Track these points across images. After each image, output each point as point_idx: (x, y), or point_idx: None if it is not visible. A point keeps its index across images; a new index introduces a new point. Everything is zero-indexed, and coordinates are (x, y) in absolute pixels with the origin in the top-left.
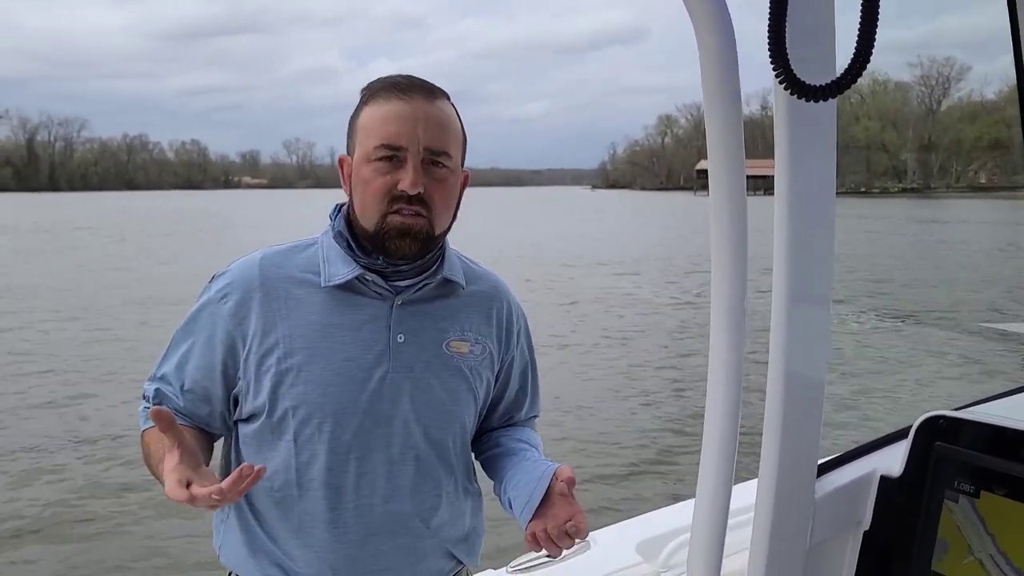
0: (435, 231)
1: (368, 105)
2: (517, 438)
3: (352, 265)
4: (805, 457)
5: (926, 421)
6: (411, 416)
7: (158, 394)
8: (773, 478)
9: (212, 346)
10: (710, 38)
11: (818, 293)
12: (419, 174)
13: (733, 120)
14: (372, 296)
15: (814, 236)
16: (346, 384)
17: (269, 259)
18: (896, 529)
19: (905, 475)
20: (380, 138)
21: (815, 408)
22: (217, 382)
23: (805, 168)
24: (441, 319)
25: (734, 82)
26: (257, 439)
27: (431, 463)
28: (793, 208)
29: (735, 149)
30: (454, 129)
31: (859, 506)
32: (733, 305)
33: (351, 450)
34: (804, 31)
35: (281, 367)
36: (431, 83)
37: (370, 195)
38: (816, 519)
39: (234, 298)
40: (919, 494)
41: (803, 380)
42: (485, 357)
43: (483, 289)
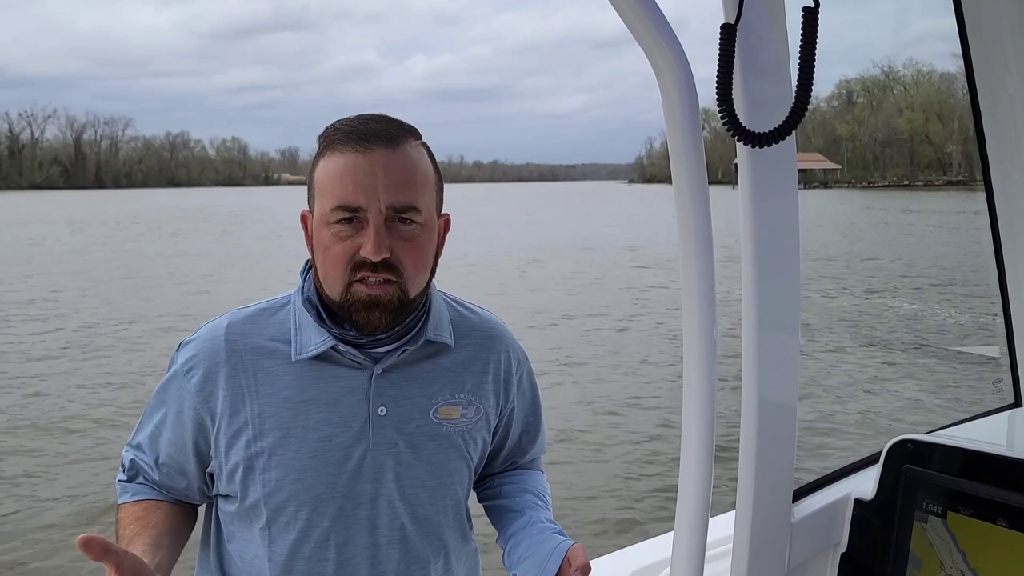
0: (408, 296)
1: (324, 157)
2: (523, 487)
3: (324, 335)
4: (781, 483)
5: (895, 445)
6: (396, 495)
7: (133, 464)
8: (750, 504)
9: (182, 422)
10: (673, 91)
11: (787, 320)
12: (382, 237)
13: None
14: (349, 366)
15: (781, 265)
16: (323, 467)
17: (236, 326)
18: (871, 550)
19: (877, 497)
20: (335, 199)
21: (788, 433)
22: (190, 459)
23: (769, 199)
24: (429, 383)
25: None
26: (234, 520)
27: (419, 544)
28: (759, 240)
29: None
30: (422, 176)
31: (835, 529)
32: (703, 334)
33: (330, 537)
34: (759, 70)
35: (251, 451)
36: (396, 125)
37: (330, 263)
38: (793, 543)
39: (199, 372)
40: (891, 515)
41: (775, 407)
42: (479, 419)
43: (477, 342)
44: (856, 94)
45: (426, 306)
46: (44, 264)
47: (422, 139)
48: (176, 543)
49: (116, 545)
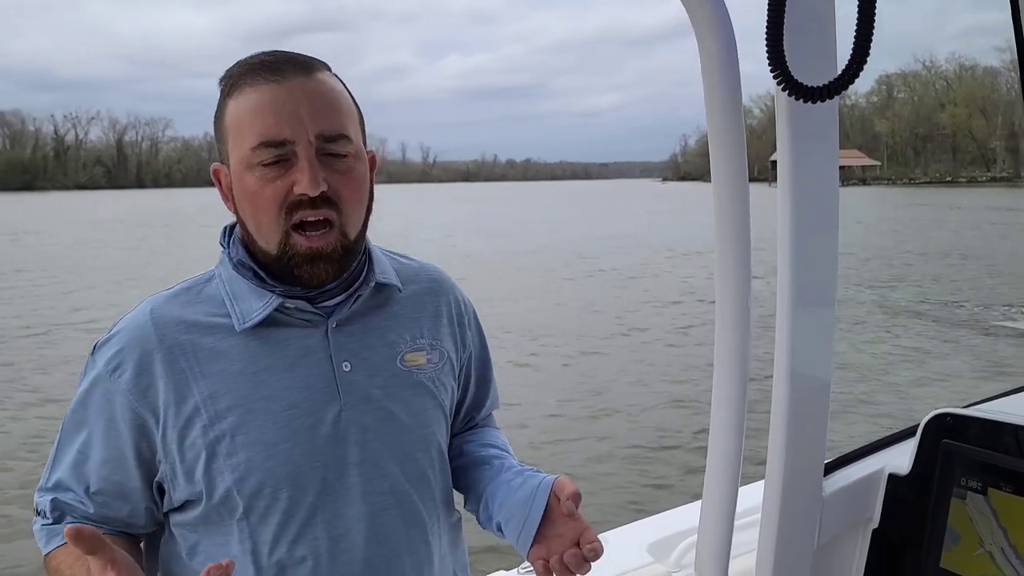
0: (350, 239)
1: (233, 97)
2: (485, 442)
3: (267, 297)
4: (812, 456)
5: (933, 419)
6: (383, 454)
7: (57, 505)
8: (780, 478)
9: (115, 431)
10: (711, 42)
11: (822, 294)
12: (316, 169)
13: (735, 122)
14: (300, 325)
15: (818, 238)
16: (295, 437)
17: (161, 309)
18: (905, 526)
19: (913, 472)
20: (256, 136)
21: (821, 408)
22: (132, 473)
23: (808, 170)
24: (387, 332)
25: (735, 84)
26: (200, 527)
27: (415, 505)
28: (796, 210)
29: (738, 155)
30: (346, 104)
31: (867, 504)
32: (738, 308)
33: (317, 512)
34: (804, 29)
35: (209, 436)
36: (303, 56)
37: (262, 209)
38: (824, 518)
39: (129, 367)
40: (927, 491)
41: (809, 380)
42: (444, 363)
43: (424, 286)
44: (896, 89)
45: (367, 251)
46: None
47: (335, 72)
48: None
49: (109, 542)
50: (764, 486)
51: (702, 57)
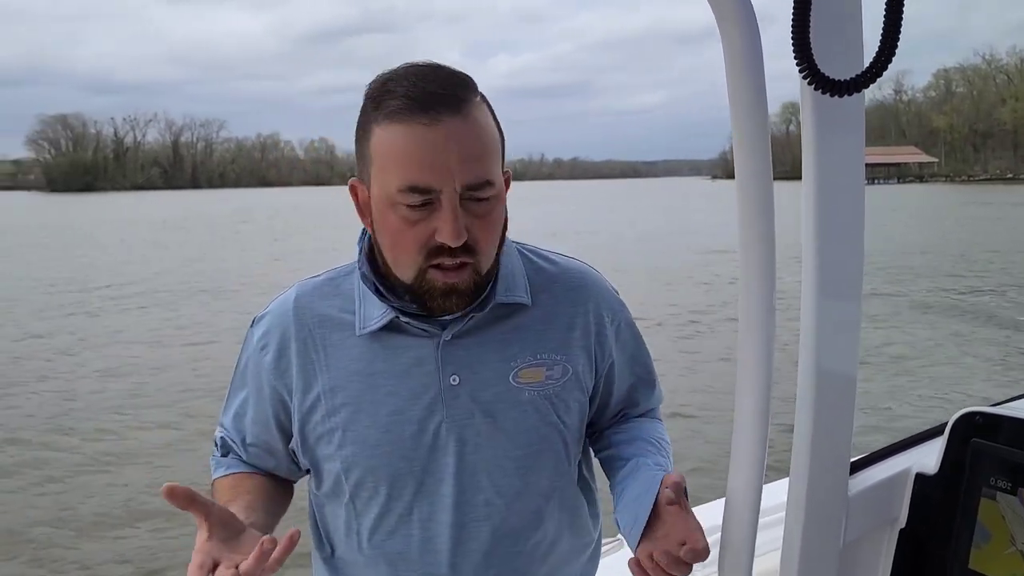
0: (482, 275)
1: (381, 125)
2: (633, 435)
3: (383, 308)
4: (838, 454)
5: (962, 417)
6: (478, 468)
7: (224, 443)
8: (805, 476)
9: (262, 400)
10: (734, 36)
11: (848, 288)
12: (459, 219)
13: (759, 116)
14: (416, 334)
15: (844, 230)
16: (397, 442)
17: (304, 299)
18: (933, 526)
19: (941, 472)
20: (403, 179)
21: (847, 404)
22: (275, 436)
23: (833, 161)
24: (507, 345)
25: (759, 76)
26: (321, 498)
27: (511, 519)
28: (821, 202)
29: (762, 146)
30: (492, 143)
31: (894, 504)
32: (762, 301)
33: (413, 512)
34: (830, 21)
35: (326, 426)
36: (454, 81)
37: (401, 248)
38: (849, 517)
39: (272, 349)
40: (956, 491)
41: (834, 376)
42: (568, 379)
43: (559, 294)
44: (955, 83)
45: (495, 269)
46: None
47: (479, 90)
48: (271, 510)
49: (203, 496)
50: (789, 485)
51: (725, 51)
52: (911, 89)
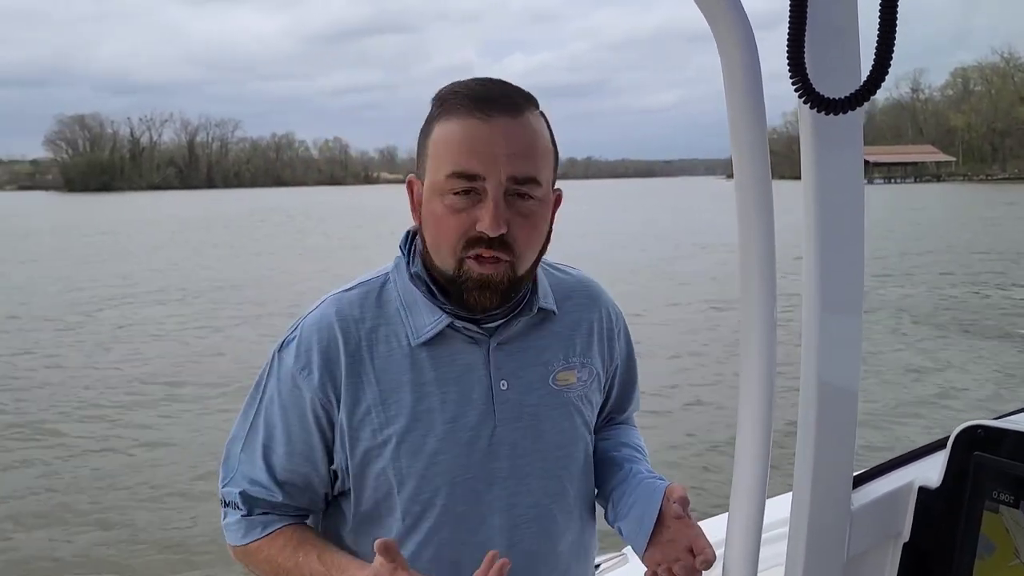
0: (518, 274)
1: (439, 122)
2: (620, 442)
3: (438, 314)
4: (840, 468)
5: (964, 431)
6: (528, 471)
7: (247, 498)
8: (808, 490)
9: (305, 425)
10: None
11: (849, 300)
12: (500, 210)
13: (758, 128)
14: (465, 342)
15: (844, 243)
16: (454, 450)
17: (344, 313)
18: (936, 540)
19: (944, 485)
20: (452, 165)
21: (849, 418)
22: (318, 464)
23: (832, 175)
24: (542, 351)
25: (757, 85)
26: (363, 521)
27: (556, 518)
28: (821, 216)
29: (760, 157)
30: (543, 147)
31: (897, 517)
32: (764, 315)
33: (466, 520)
34: (826, 36)
35: (378, 440)
36: (515, 90)
37: (443, 236)
38: (853, 531)
39: (317, 366)
40: (959, 504)
41: (836, 390)
42: (592, 380)
43: (579, 302)
44: (973, 82)
45: (533, 277)
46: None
47: (539, 107)
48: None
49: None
50: (792, 499)
51: (723, 59)
52: (928, 87)
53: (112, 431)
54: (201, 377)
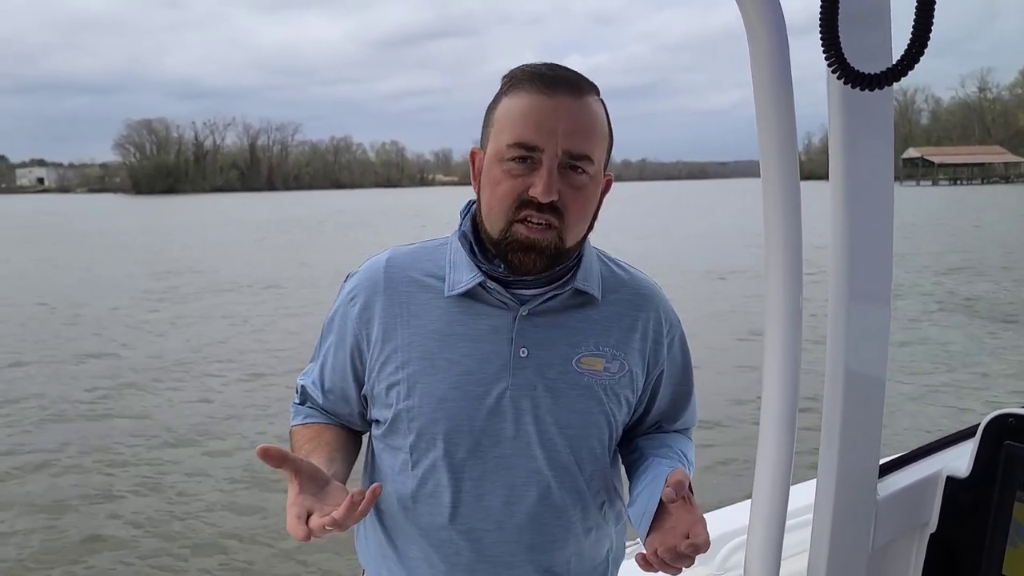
0: (565, 244)
1: (507, 96)
2: (660, 443)
3: (474, 271)
4: (866, 457)
5: (994, 419)
6: (534, 438)
7: (304, 391)
8: (833, 479)
9: (344, 348)
10: (761, 32)
11: (877, 289)
12: (554, 179)
13: (786, 115)
14: (497, 305)
15: (872, 230)
16: (461, 399)
17: (396, 260)
18: (965, 531)
19: (973, 475)
20: (514, 136)
21: (876, 407)
22: (350, 384)
23: (861, 160)
24: (574, 333)
25: (786, 75)
26: (382, 443)
27: (555, 491)
28: (850, 202)
29: (788, 145)
30: (599, 130)
31: (924, 507)
32: (789, 300)
33: (465, 469)
34: (858, 15)
35: (398, 376)
36: (579, 76)
37: (497, 198)
38: (879, 521)
39: (360, 301)
40: (988, 494)
41: (863, 378)
42: (623, 375)
43: (627, 298)
44: None
45: (578, 257)
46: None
47: (600, 95)
48: (347, 460)
49: (293, 454)
50: (816, 487)
51: (751, 48)
52: (996, 87)
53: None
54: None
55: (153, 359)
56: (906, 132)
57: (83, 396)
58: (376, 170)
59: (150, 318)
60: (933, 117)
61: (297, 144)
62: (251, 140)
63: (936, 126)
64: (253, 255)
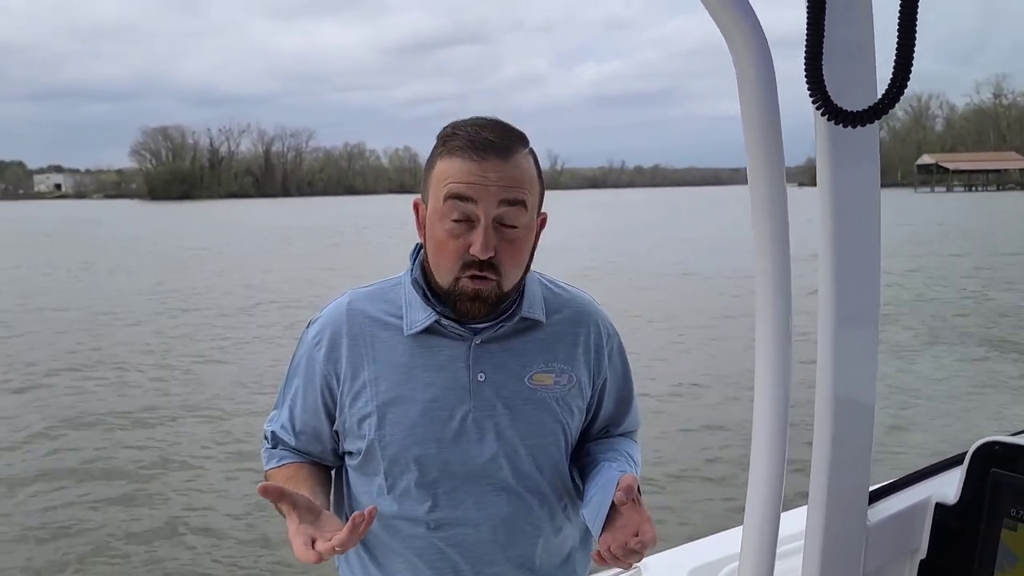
0: (503, 290)
1: (442, 158)
2: (608, 447)
3: (428, 311)
4: (856, 483)
5: (982, 447)
6: (498, 452)
7: (275, 436)
8: (823, 505)
9: (313, 388)
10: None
11: (865, 314)
12: (490, 238)
13: (773, 138)
14: (451, 337)
15: (860, 256)
16: (430, 424)
17: (356, 303)
18: (954, 557)
19: (961, 502)
20: (451, 191)
21: (865, 433)
22: (323, 422)
23: (849, 191)
24: (524, 354)
25: (772, 96)
26: (357, 473)
27: (521, 494)
28: (838, 231)
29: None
30: (528, 182)
31: (914, 534)
32: (779, 326)
33: (438, 485)
34: (843, 50)
35: (368, 408)
36: (508, 134)
37: (443, 257)
38: (869, 547)
39: (326, 343)
40: (976, 521)
41: (852, 404)
42: (572, 387)
43: (567, 316)
44: None
45: (520, 290)
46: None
47: (529, 145)
48: (324, 493)
49: (289, 488)
50: (807, 514)
51: (737, 71)
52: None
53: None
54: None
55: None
56: (920, 139)
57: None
58: (389, 176)
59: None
60: (947, 124)
61: (311, 150)
62: (266, 146)
63: (950, 133)
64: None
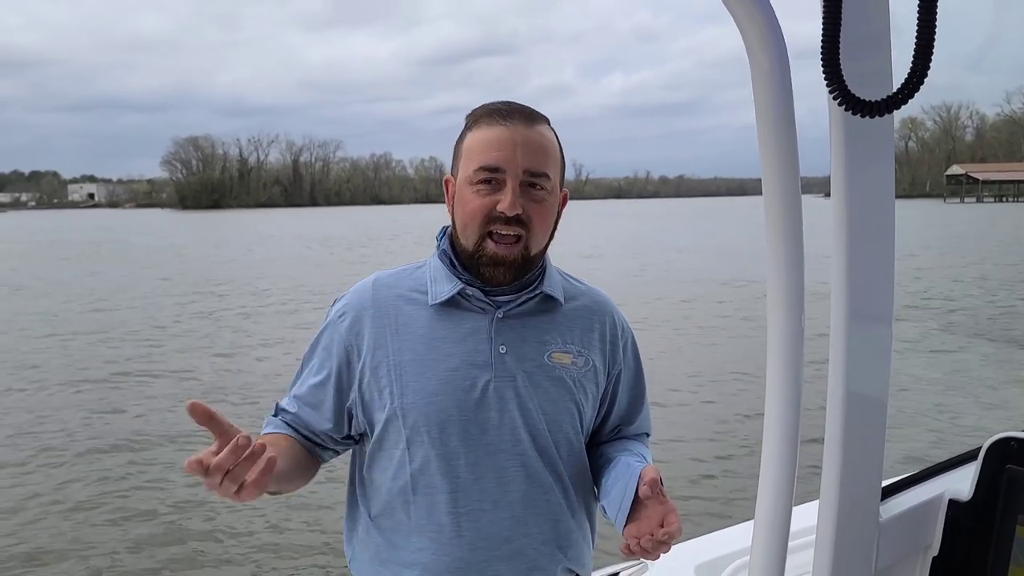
0: (530, 253)
1: (471, 131)
2: (623, 448)
3: (454, 282)
4: (868, 480)
5: (996, 443)
6: (518, 423)
7: (278, 408)
8: (835, 501)
9: (329, 357)
10: (762, 56)
11: (879, 310)
12: (517, 196)
13: (787, 138)
14: (474, 310)
15: (874, 252)
16: (451, 392)
17: (382, 281)
18: (967, 554)
19: (975, 499)
20: (480, 161)
21: (878, 429)
22: (329, 394)
23: (863, 182)
24: (543, 331)
25: (787, 95)
26: (375, 448)
27: (539, 470)
28: (851, 223)
29: (790, 166)
30: (552, 152)
31: (927, 530)
32: (790, 323)
33: (459, 456)
34: (859, 43)
35: (391, 377)
36: (531, 109)
37: (469, 216)
38: (881, 543)
39: (350, 317)
40: (991, 518)
41: (865, 400)
42: (588, 369)
43: (585, 304)
44: None
45: (543, 267)
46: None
47: (551, 125)
48: (293, 464)
49: (222, 417)
50: (819, 510)
51: (753, 73)
52: None
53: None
54: None
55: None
56: (950, 149)
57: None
58: (415, 186)
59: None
60: (977, 134)
61: (338, 161)
62: (294, 157)
63: (980, 143)
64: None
